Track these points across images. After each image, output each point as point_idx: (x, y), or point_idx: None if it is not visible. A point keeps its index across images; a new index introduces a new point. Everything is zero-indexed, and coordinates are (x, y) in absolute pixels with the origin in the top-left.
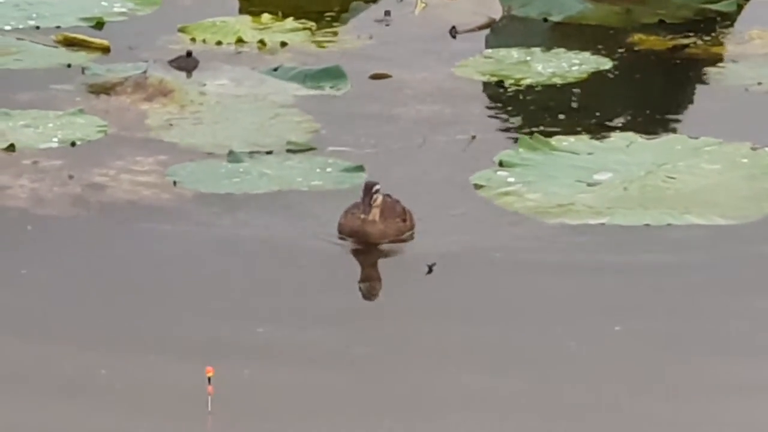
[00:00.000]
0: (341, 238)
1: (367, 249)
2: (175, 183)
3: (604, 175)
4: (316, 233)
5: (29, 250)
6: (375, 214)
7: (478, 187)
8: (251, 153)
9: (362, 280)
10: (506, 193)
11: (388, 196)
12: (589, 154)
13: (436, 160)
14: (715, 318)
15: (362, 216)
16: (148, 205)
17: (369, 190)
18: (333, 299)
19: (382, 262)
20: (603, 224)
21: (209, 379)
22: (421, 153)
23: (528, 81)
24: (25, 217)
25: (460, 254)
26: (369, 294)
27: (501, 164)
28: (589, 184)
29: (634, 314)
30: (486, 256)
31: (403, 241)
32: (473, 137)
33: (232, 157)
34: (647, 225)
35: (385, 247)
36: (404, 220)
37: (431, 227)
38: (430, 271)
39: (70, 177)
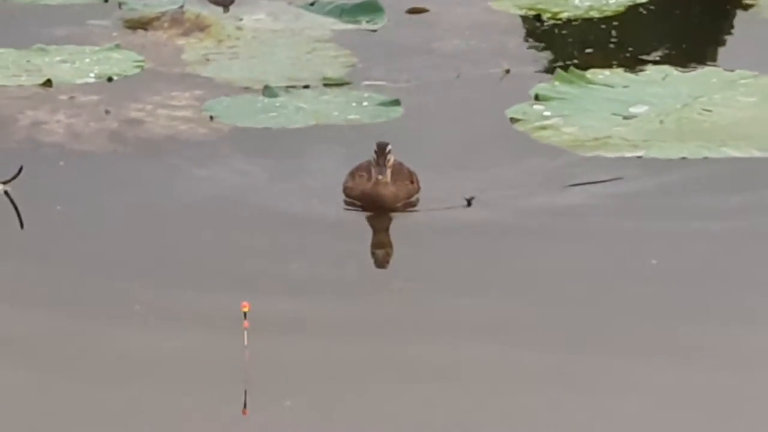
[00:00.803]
0: (348, 202)
1: (378, 213)
2: (211, 118)
3: (640, 108)
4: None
5: (64, 186)
6: (388, 174)
7: (514, 120)
8: (287, 87)
9: (376, 247)
10: (542, 127)
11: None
12: (625, 87)
13: (472, 94)
14: (753, 248)
15: (379, 177)
16: (184, 140)
17: (383, 150)
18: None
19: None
20: (640, 157)
21: (245, 314)
22: (457, 87)
23: (565, 15)
24: (61, 152)
25: (497, 188)
26: (383, 262)
27: (537, 98)
28: (625, 117)
29: (672, 247)
30: (522, 189)
31: (412, 204)
32: (507, 71)
33: (269, 91)
34: (684, 158)
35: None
36: (412, 182)
37: (467, 161)
38: (469, 204)
39: (107, 112)
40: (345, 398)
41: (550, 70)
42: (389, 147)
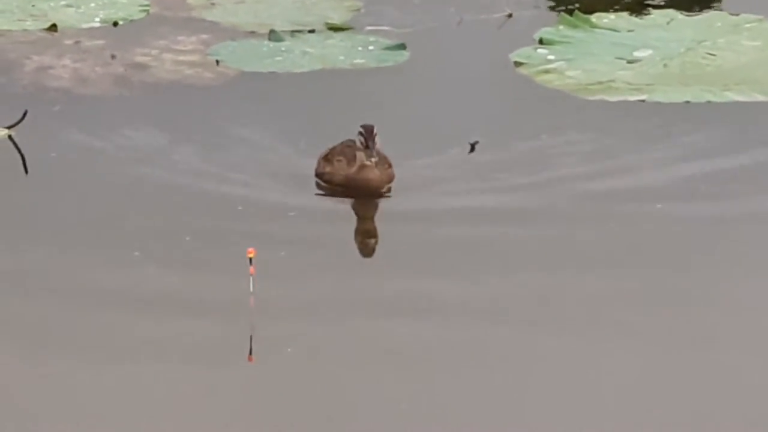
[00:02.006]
0: (325, 189)
1: (361, 199)
2: (217, 62)
3: (644, 52)
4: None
5: (67, 131)
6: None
7: (518, 64)
8: (293, 32)
9: (363, 235)
10: (546, 71)
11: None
12: (630, 31)
13: (476, 39)
14: (757, 194)
15: (371, 160)
16: (190, 84)
17: (371, 132)
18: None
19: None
20: (643, 101)
21: (250, 260)
22: (460, 31)
23: None
24: (67, 96)
25: (502, 131)
26: (371, 251)
27: (541, 42)
28: (629, 61)
29: (677, 193)
30: (527, 133)
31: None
32: (509, 15)
33: (274, 35)
34: (687, 102)
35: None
36: (390, 166)
37: (473, 104)
38: (472, 149)
39: (113, 57)
40: (347, 340)
41: (554, 14)
42: (376, 129)
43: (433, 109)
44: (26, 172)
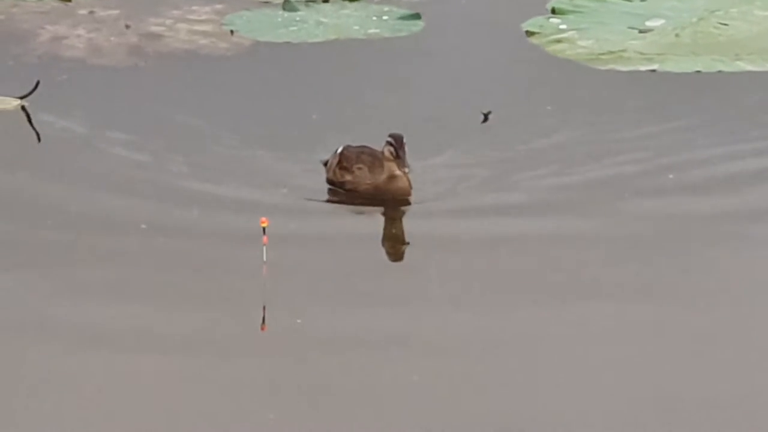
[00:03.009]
0: (345, 198)
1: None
2: (232, 32)
3: (656, 22)
4: None
5: (79, 101)
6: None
7: (530, 34)
8: (307, 1)
9: (393, 240)
10: (558, 40)
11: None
12: (642, 0)
13: (489, 8)
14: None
15: (406, 170)
16: (205, 55)
17: (401, 142)
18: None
19: None
20: (654, 71)
21: (264, 229)
22: (472, 1)
23: None
24: (82, 66)
25: (514, 102)
26: (401, 257)
27: (554, 11)
28: (641, 31)
29: (690, 165)
30: (537, 104)
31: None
32: None
33: (289, 5)
34: (698, 71)
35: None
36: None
37: (486, 75)
38: (485, 119)
39: (127, 27)
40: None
41: None
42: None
43: (446, 79)
44: (39, 140)
